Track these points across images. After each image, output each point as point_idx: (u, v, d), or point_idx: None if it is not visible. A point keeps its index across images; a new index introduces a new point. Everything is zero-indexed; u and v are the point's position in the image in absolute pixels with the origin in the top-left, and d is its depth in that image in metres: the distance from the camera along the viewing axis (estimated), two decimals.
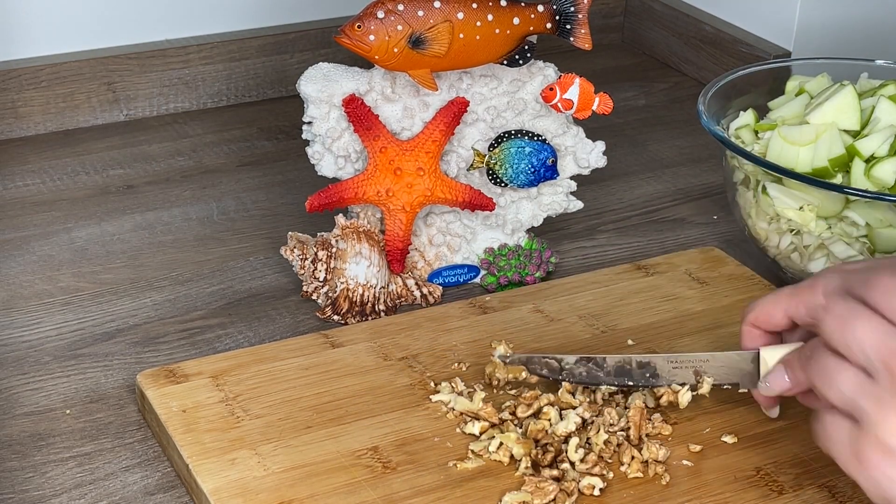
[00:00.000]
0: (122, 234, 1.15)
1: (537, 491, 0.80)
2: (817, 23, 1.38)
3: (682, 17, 1.52)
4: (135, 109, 1.37)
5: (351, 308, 1.01)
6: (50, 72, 1.32)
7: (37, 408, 0.93)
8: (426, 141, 1.01)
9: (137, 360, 0.98)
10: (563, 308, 1.00)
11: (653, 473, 0.83)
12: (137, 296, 1.06)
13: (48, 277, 1.08)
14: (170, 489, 0.85)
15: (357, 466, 0.83)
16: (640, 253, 1.14)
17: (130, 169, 1.27)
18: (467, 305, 1.01)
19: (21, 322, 1.02)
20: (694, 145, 1.35)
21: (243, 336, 1.01)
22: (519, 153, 1.03)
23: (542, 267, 1.08)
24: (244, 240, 1.15)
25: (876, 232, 1.00)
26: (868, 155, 1.01)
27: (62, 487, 0.85)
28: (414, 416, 0.88)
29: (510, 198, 1.07)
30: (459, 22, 0.98)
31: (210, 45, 1.39)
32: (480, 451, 0.84)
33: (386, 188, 1.01)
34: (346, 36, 0.97)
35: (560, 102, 1.02)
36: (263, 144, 1.33)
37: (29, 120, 1.33)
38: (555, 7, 1.01)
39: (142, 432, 0.90)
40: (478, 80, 1.04)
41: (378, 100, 1.02)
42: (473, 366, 0.93)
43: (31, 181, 1.24)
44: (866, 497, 0.70)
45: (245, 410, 0.88)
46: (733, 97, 1.12)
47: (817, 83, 1.11)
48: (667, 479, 0.82)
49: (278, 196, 1.22)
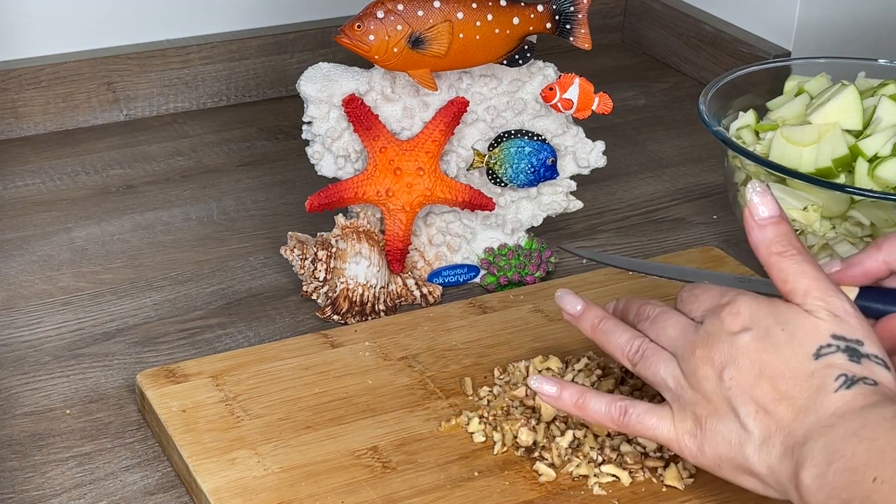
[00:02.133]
0: (122, 234, 1.15)
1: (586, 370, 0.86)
2: (817, 23, 1.38)
3: (682, 17, 1.52)
4: (135, 109, 1.37)
5: (351, 308, 1.01)
6: (50, 72, 1.32)
7: (37, 408, 0.93)
8: (426, 141, 1.01)
9: (137, 360, 0.98)
10: None
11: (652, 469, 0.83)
12: (137, 296, 1.06)
13: (48, 277, 1.08)
14: (170, 489, 0.85)
15: (357, 466, 0.83)
16: (640, 253, 1.14)
17: (130, 169, 1.27)
18: (467, 305, 1.01)
19: (21, 322, 1.02)
20: (694, 145, 1.35)
21: (243, 336, 1.01)
22: (519, 153, 1.03)
23: (541, 267, 1.08)
24: (244, 240, 1.15)
25: (881, 232, 1.00)
26: (871, 155, 1.01)
27: (62, 487, 0.85)
28: (414, 416, 0.88)
29: (510, 198, 1.07)
30: (459, 22, 0.98)
31: (210, 45, 1.39)
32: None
33: (386, 188, 1.01)
34: (346, 36, 0.97)
35: (560, 102, 1.02)
36: (263, 144, 1.33)
37: (29, 120, 1.33)
38: (554, 7, 1.00)
39: (142, 432, 0.90)
40: (478, 80, 1.04)
41: (378, 100, 1.02)
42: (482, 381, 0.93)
43: (31, 181, 1.24)
44: None
45: (245, 410, 0.88)
46: (733, 97, 1.12)
47: (817, 83, 1.11)
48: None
49: (278, 196, 1.22)
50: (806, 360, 0.71)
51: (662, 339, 0.78)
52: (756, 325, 0.73)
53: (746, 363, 0.73)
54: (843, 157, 1.02)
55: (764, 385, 0.72)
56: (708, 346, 0.74)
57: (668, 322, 0.78)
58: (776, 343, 0.72)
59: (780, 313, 0.73)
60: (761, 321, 0.73)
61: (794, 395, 0.71)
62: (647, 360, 0.78)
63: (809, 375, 0.71)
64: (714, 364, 0.74)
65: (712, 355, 0.74)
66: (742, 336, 0.73)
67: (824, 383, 0.70)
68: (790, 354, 0.72)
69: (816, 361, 0.71)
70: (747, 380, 0.72)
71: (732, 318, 0.74)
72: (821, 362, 0.71)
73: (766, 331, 0.73)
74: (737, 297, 0.75)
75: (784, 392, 0.71)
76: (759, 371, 0.72)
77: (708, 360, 0.74)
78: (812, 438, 0.69)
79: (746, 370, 0.73)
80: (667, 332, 0.77)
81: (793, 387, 0.71)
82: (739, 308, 0.74)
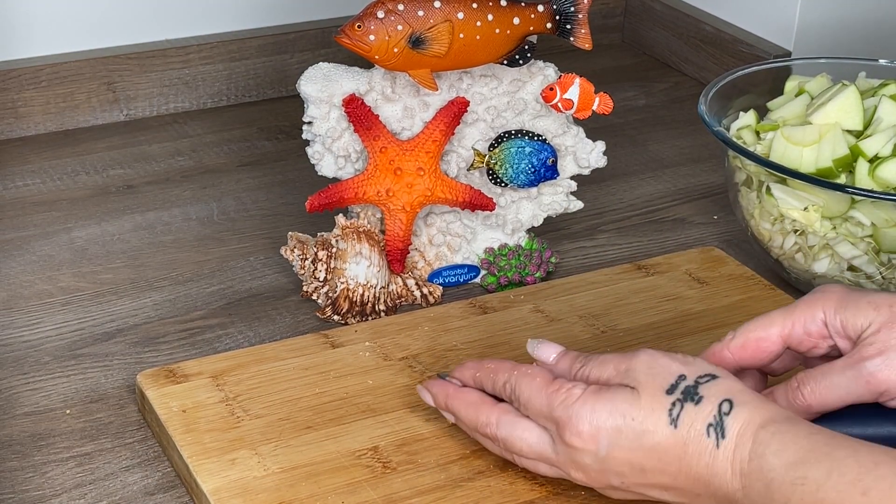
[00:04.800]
0: (122, 234, 1.15)
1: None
2: (817, 23, 1.38)
3: (682, 17, 1.52)
4: (135, 109, 1.37)
5: (351, 308, 1.01)
6: (50, 72, 1.32)
7: (37, 408, 0.93)
8: (426, 141, 1.01)
9: (137, 360, 0.98)
10: (563, 308, 1.00)
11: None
12: (137, 296, 1.06)
13: (48, 277, 1.08)
14: (170, 489, 0.85)
15: (357, 466, 0.83)
16: (641, 253, 1.14)
17: (130, 169, 1.27)
18: (467, 305, 1.01)
19: (21, 322, 1.02)
20: (694, 145, 1.35)
21: (243, 336, 1.01)
22: (519, 153, 1.03)
23: (542, 267, 1.08)
24: (244, 240, 1.15)
25: (881, 232, 1.00)
26: (872, 155, 1.01)
27: (62, 487, 0.85)
28: (414, 416, 0.88)
29: (510, 198, 1.07)
30: (459, 22, 0.98)
31: (210, 45, 1.39)
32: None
33: (386, 188, 1.01)
34: (346, 36, 0.97)
35: (560, 102, 1.02)
36: (263, 144, 1.33)
37: (29, 120, 1.33)
38: (555, 7, 1.00)
39: (142, 432, 0.90)
40: (478, 80, 1.04)
41: (378, 100, 1.02)
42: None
43: (31, 181, 1.24)
44: None
45: (245, 410, 0.88)
46: (734, 97, 1.12)
47: (817, 83, 1.11)
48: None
49: (278, 196, 1.22)
50: (670, 434, 0.71)
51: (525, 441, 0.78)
52: (602, 433, 0.73)
53: (625, 468, 0.72)
54: (844, 158, 1.02)
55: (654, 476, 0.72)
56: (577, 468, 0.74)
57: (523, 431, 0.77)
58: (634, 435, 0.72)
59: (617, 409, 0.73)
60: (604, 426, 0.73)
61: (687, 470, 0.71)
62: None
63: (684, 447, 0.71)
64: (594, 481, 0.74)
65: (588, 475, 0.74)
66: (599, 450, 0.73)
67: (701, 447, 0.70)
68: (657, 438, 0.71)
69: (677, 430, 0.71)
70: (637, 479, 0.73)
71: (577, 440, 0.73)
72: (682, 427, 0.71)
73: (617, 432, 0.72)
74: (570, 413, 0.74)
75: (676, 472, 0.71)
76: (641, 468, 0.72)
77: (587, 476, 0.75)
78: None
79: (630, 473, 0.72)
80: (524, 437, 0.77)
81: (680, 465, 0.71)
82: (579, 427, 0.73)
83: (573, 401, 0.74)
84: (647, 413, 0.71)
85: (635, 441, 0.72)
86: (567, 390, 0.74)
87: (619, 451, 0.72)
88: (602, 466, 0.73)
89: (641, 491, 0.74)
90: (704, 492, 0.71)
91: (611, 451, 0.72)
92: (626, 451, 0.72)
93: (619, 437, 0.72)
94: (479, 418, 0.79)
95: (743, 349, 0.80)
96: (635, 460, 0.72)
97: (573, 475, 0.75)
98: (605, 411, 0.72)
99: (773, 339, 0.79)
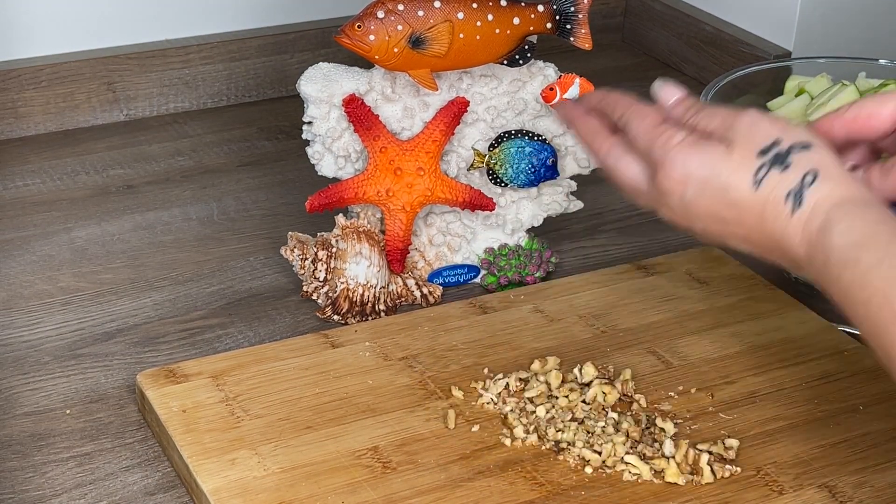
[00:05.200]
0: (122, 234, 1.15)
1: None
2: (818, 23, 1.38)
3: (682, 17, 1.52)
4: (135, 109, 1.37)
5: (351, 308, 1.01)
6: (50, 72, 1.32)
7: (37, 408, 0.93)
8: (426, 141, 1.01)
9: (137, 360, 0.98)
10: (563, 308, 1.00)
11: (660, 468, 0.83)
12: (137, 296, 1.06)
13: (48, 277, 1.08)
14: (170, 489, 0.85)
15: (357, 466, 0.83)
16: (641, 253, 1.14)
17: (130, 169, 1.27)
18: (467, 305, 1.01)
19: (21, 322, 1.02)
20: None
21: (243, 336, 1.01)
22: (519, 153, 1.03)
23: (542, 267, 1.08)
24: (244, 240, 1.15)
25: None
26: None
27: (62, 487, 0.85)
28: (414, 416, 0.88)
29: (510, 198, 1.07)
30: (459, 22, 0.98)
31: (210, 45, 1.39)
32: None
33: (386, 188, 1.01)
34: (346, 36, 0.97)
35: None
36: (263, 144, 1.33)
37: (29, 120, 1.33)
38: (555, 7, 1.00)
39: (142, 432, 0.90)
40: (478, 80, 1.04)
41: (378, 100, 1.02)
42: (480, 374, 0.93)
43: (31, 181, 1.24)
44: (867, 498, 0.70)
45: (245, 410, 0.88)
46: (734, 97, 1.12)
47: (817, 83, 1.11)
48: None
49: (278, 196, 1.22)
50: (750, 194, 0.73)
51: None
52: (691, 180, 0.74)
53: (707, 217, 0.74)
54: None
55: (733, 227, 0.74)
56: (666, 207, 0.77)
57: (626, 165, 0.80)
58: (719, 188, 0.74)
59: (708, 161, 0.74)
60: (693, 175, 0.74)
61: (762, 228, 0.73)
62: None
63: (762, 207, 0.72)
64: (680, 221, 0.77)
65: (675, 215, 0.76)
66: (685, 195, 0.75)
67: (777, 211, 0.72)
68: (739, 195, 0.73)
69: (758, 192, 0.72)
70: (717, 228, 0.75)
71: (668, 182, 0.75)
72: (763, 189, 0.72)
73: (704, 182, 0.74)
74: (665, 156, 0.76)
75: (751, 227, 0.73)
76: (722, 218, 0.74)
77: (674, 215, 0.77)
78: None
79: (711, 222, 0.74)
80: (626, 171, 0.80)
81: (756, 223, 0.73)
82: (671, 172, 0.75)
83: (672, 145, 0.76)
84: (735, 169, 0.74)
85: (718, 193, 0.74)
86: (669, 134, 0.76)
87: (703, 200, 0.75)
88: (686, 212, 0.75)
89: (722, 239, 0.76)
90: (775, 249, 0.73)
91: (695, 199, 0.75)
92: (709, 200, 0.74)
93: (705, 188, 0.74)
94: (593, 145, 0.82)
95: (853, 122, 0.81)
96: (716, 211, 0.74)
97: (663, 212, 0.78)
98: (697, 161, 0.75)
99: (883, 116, 0.80)
